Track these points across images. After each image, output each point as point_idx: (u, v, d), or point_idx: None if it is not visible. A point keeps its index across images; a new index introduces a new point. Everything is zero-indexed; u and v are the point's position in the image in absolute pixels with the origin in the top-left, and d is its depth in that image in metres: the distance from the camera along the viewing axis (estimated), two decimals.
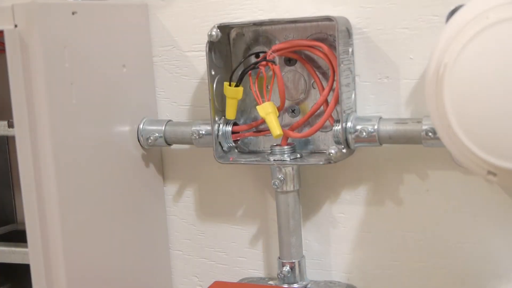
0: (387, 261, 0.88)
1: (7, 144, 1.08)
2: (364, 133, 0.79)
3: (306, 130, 0.85)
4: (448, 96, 0.64)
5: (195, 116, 0.95)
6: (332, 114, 0.83)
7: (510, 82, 0.61)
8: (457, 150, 0.65)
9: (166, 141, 0.92)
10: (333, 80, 0.82)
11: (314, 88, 0.86)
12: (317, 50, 0.83)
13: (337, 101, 0.80)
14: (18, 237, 0.93)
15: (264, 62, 0.83)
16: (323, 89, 0.84)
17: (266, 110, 0.82)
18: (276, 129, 0.82)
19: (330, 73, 0.82)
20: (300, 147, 0.87)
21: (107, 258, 0.88)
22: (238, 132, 0.88)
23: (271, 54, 0.83)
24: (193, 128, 0.89)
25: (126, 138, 0.91)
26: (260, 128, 0.89)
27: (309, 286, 0.89)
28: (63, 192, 0.79)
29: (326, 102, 0.83)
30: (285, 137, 0.86)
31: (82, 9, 0.82)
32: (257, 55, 0.88)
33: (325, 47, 0.82)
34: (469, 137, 0.63)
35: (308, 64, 0.85)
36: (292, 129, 0.86)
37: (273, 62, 0.82)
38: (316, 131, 0.84)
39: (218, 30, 0.84)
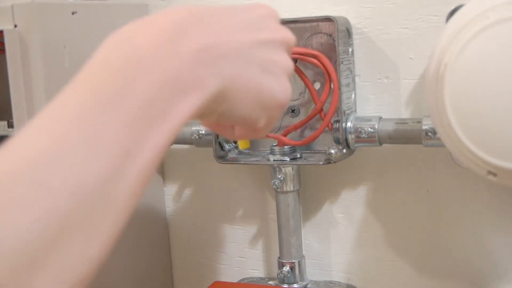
0: (387, 261, 0.88)
1: None
2: (364, 133, 0.79)
3: (305, 133, 0.85)
4: (448, 95, 0.64)
5: None
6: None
7: (510, 82, 0.61)
8: (457, 150, 0.65)
9: None
10: (329, 88, 0.81)
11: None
12: (311, 58, 0.81)
13: (335, 111, 0.80)
14: None
15: None
16: (316, 94, 0.83)
17: None
18: (241, 142, 0.84)
19: (326, 77, 0.81)
20: (300, 147, 0.87)
21: (107, 258, 0.88)
22: None
23: None
24: (193, 128, 0.89)
25: None
26: None
27: (309, 286, 0.89)
28: None
29: (322, 109, 0.82)
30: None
31: (82, 9, 0.82)
32: None
33: (321, 57, 0.80)
34: (469, 137, 0.63)
35: (302, 74, 0.84)
36: (288, 132, 0.85)
37: None
38: (312, 140, 0.83)
39: None
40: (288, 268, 0.87)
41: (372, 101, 0.85)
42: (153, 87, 0.37)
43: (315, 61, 0.81)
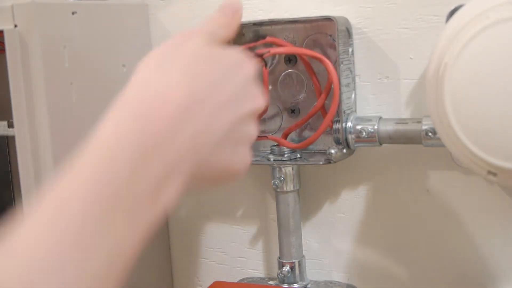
0: (387, 261, 0.88)
1: (7, 144, 1.08)
2: (364, 133, 0.79)
3: (304, 133, 0.85)
4: (448, 95, 0.64)
5: None
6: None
7: (510, 82, 0.61)
8: (457, 150, 0.65)
9: None
10: (328, 92, 0.81)
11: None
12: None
13: (335, 113, 0.80)
14: None
15: (259, 58, 0.82)
16: (320, 91, 0.83)
17: None
18: None
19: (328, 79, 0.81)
20: None
21: None
22: None
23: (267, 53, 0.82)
24: None
25: None
26: (260, 129, 0.89)
27: (309, 286, 0.89)
28: None
29: (323, 108, 0.82)
30: (285, 137, 0.85)
31: (82, 9, 0.82)
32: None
33: (325, 60, 0.79)
34: (469, 136, 0.63)
35: (308, 67, 0.84)
36: (290, 131, 0.85)
37: (265, 63, 0.82)
38: (312, 142, 0.83)
39: None
40: (288, 268, 0.87)
41: (372, 101, 0.85)
42: (157, 176, 0.38)
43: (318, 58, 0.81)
